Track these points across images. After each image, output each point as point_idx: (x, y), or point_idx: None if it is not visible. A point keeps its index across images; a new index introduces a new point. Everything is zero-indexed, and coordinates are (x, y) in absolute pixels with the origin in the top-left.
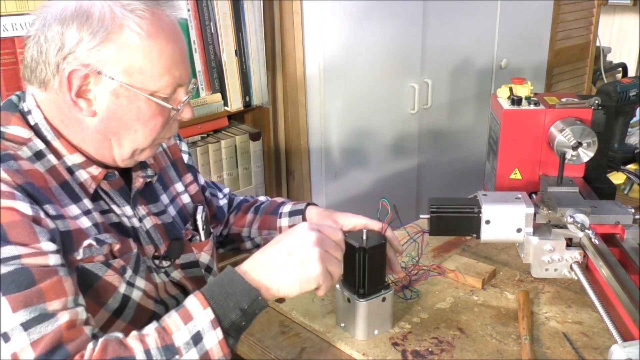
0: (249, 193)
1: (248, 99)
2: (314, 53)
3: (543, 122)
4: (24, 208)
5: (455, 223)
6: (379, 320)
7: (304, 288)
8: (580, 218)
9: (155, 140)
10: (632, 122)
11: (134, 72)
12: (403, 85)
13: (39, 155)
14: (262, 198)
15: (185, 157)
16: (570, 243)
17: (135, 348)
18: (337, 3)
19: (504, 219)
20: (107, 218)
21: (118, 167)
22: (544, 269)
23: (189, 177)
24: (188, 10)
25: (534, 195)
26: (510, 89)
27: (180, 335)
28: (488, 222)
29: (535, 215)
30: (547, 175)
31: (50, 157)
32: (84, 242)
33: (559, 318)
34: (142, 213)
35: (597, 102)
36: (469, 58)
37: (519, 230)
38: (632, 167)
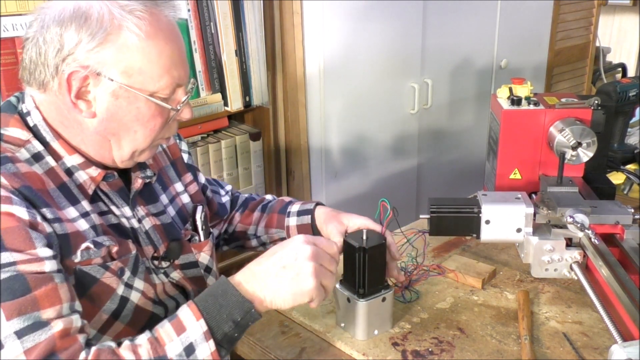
0: (249, 193)
1: (248, 99)
2: (314, 53)
3: (543, 122)
4: (21, 212)
5: (455, 223)
6: (379, 320)
7: (298, 301)
8: (580, 218)
9: (155, 141)
10: (631, 122)
11: (134, 73)
12: (403, 86)
13: (37, 157)
14: (268, 196)
15: (185, 156)
16: (570, 243)
17: (128, 359)
18: (337, 3)
19: (504, 219)
20: (105, 219)
21: (117, 167)
22: (544, 269)
23: (189, 176)
24: (188, 11)
25: (534, 195)
26: (510, 89)
27: (173, 347)
28: (488, 222)
29: (535, 215)
30: (547, 175)
31: (49, 158)
32: (82, 245)
33: (559, 318)
34: (141, 214)
35: (596, 102)
36: (469, 58)
37: (519, 230)
38: (631, 167)
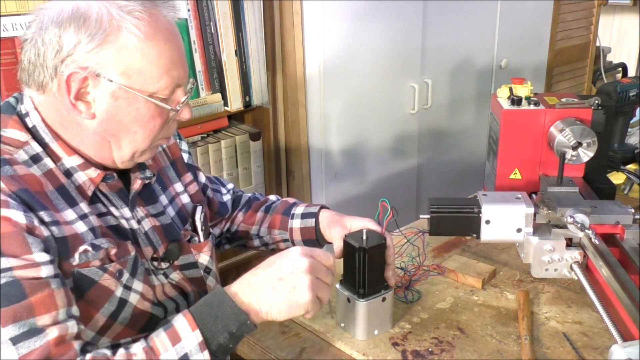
0: (249, 193)
1: (248, 99)
2: (314, 53)
3: (543, 122)
4: (18, 217)
5: (455, 223)
6: (379, 320)
7: (293, 314)
8: (580, 218)
9: (154, 141)
10: (632, 122)
11: (133, 73)
12: (403, 85)
13: (36, 159)
14: (272, 197)
15: (186, 156)
16: (570, 243)
17: None
18: (337, 3)
19: (504, 219)
20: (104, 221)
21: (117, 168)
22: (544, 269)
23: (189, 176)
24: (188, 10)
25: (534, 195)
26: (510, 89)
27: (168, 357)
28: (488, 222)
29: (535, 215)
30: (547, 175)
31: (47, 160)
32: (80, 247)
33: (559, 318)
34: (140, 215)
35: (597, 102)
36: (469, 58)
37: (519, 230)
38: (632, 167)
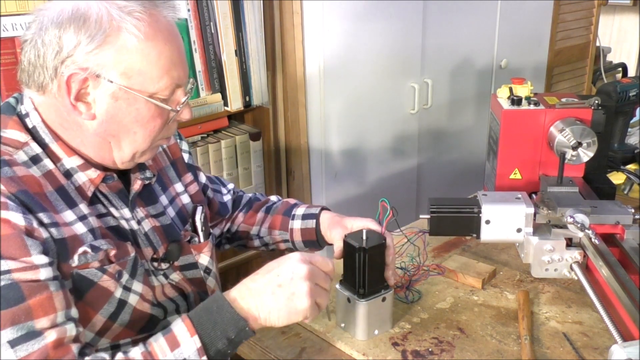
0: (249, 193)
1: (248, 99)
2: (314, 53)
3: (543, 122)
4: (17, 219)
5: (455, 223)
6: (379, 320)
7: (292, 320)
8: (580, 218)
9: (155, 142)
10: (632, 122)
11: (133, 74)
12: (403, 85)
13: (35, 160)
14: (273, 198)
15: (186, 156)
16: (570, 243)
17: None
18: (337, 3)
19: (504, 219)
20: (104, 222)
21: (117, 169)
22: (544, 269)
23: (189, 176)
24: (188, 10)
25: (534, 195)
26: (510, 89)
27: None
28: (488, 222)
29: (535, 215)
30: (547, 175)
31: (47, 161)
32: (79, 249)
33: (559, 318)
34: (140, 215)
35: (597, 102)
36: (469, 58)
37: (519, 230)
38: (632, 167)
